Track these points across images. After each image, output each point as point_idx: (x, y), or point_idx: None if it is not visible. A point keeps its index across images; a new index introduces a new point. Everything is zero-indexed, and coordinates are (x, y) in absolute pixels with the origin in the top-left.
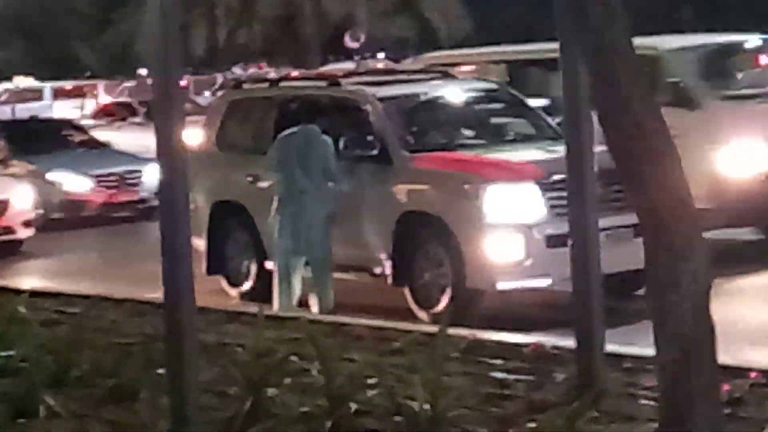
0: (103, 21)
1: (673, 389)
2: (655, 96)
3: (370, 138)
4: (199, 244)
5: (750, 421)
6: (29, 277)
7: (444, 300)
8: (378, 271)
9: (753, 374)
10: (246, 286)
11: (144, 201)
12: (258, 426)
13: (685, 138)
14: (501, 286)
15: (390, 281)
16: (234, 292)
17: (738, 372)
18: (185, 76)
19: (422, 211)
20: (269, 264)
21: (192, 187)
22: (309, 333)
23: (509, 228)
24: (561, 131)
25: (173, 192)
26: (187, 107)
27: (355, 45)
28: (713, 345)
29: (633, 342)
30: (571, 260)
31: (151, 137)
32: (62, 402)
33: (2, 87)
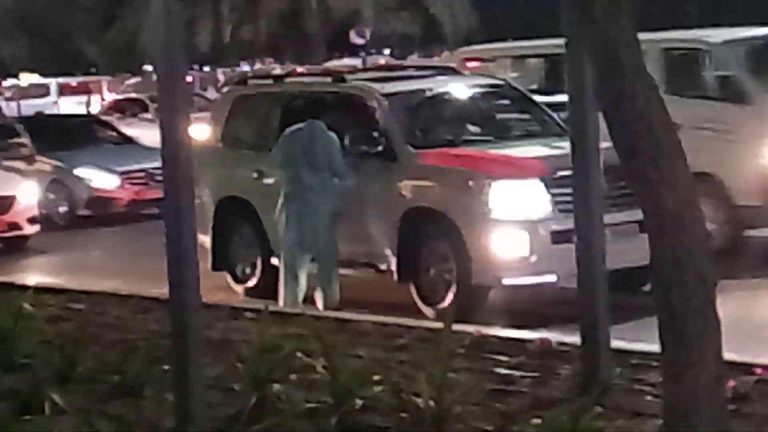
0: (109, 17)
1: (679, 385)
2: (705, 91)
3: (375, 134)
4: (205, 240)
5: (755, 418)
6: (35, 273)
7: (449, 296)
8: (383, 267)
9: (758, 370)
10: (251, 282)
11: None
12: (263, 422)
13: (736, 133)
14: (506, 282)
15: (395, 277)
16: (239, 288)
17: (743, 368)
18: (193, 73)
19: (427, 207)
20: (274, 260)
21: (197, 183)
22: (314, 329)
23: (514, 224)
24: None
25: (178, 188)
26: (201, 103)
27: (361, 41)
28: (719, 341)
29: (638, 338)
30: (577, 256)
31: None
32: (68, 398)
33: (9, 83)
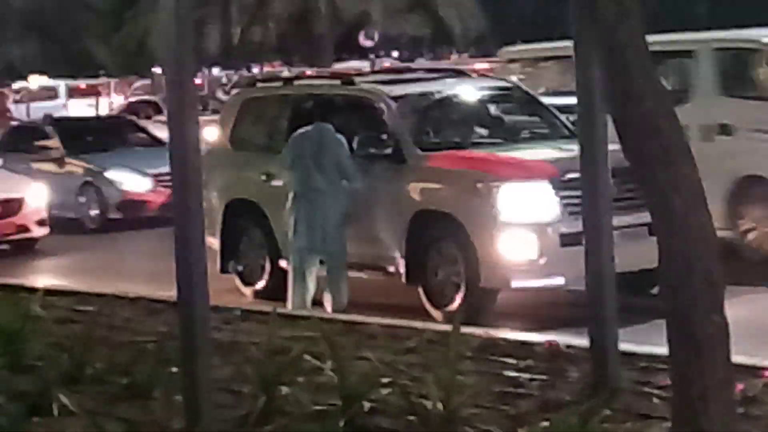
0: (119, 18)
1: (687, 388)
2: (758, 92)
3: (384, 136)
4: (213, 243)
5: (764, 420)
6: (44, 276)
7: (457, 298)
8: (391, 270)
9: (767, 373)
10: (260, 285)
11: None
12: (271, 424)
13: None
14: (515, 285)
15: (403, 280)
16: (248, 291)
17: (752, 371)
18: (206, 75)
19: (436, 210)
20: (283, 262)
21: (206, 186)
22: (322, 331)
23: (523, 227)
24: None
25: (187, 190)
26: (217, 105)
27: (370, 43)
28: (727, 344)
29: (647, 341)
30: (585, 259)
31: None
32: (76, 400)
33: (18, 86)
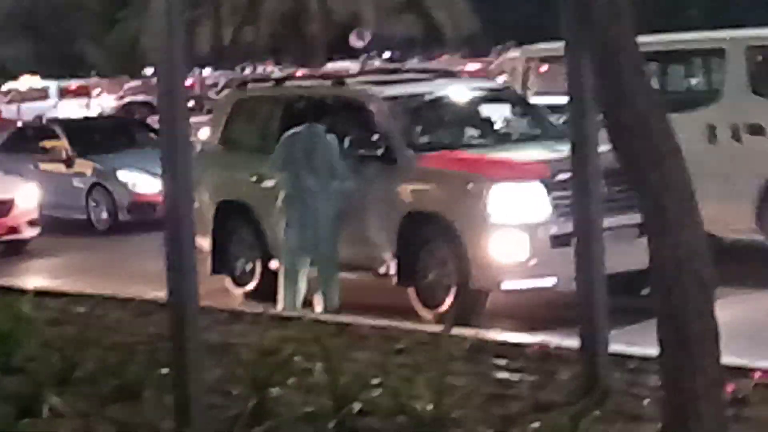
0: (110, 19)
1: (677, 389)
2: None
3: (375, 137)
4: (204, 244)
5: (754, 422)
6: (34, 277)
7: (448, 299)
8: (382, 271)
9: (757, 374)
10: (251, 286)
11: None
12: (262, 425)
13: None
14: (505, 286)
15: (394, 281)
16: (238, 292)
17: (742, 372)
18: (197, 75)
19: (427, 211)
20: (274, 263)
21: (196, 187)
22: (313, 333)
23: (514, 227)
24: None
25: (178, 192)
26: (211, 105)
27: (361, 44)
28: (717, 345)
29: (637, 342)
30: (576, 260)
31: None
32: (67, 401)
33: (8, 86)
